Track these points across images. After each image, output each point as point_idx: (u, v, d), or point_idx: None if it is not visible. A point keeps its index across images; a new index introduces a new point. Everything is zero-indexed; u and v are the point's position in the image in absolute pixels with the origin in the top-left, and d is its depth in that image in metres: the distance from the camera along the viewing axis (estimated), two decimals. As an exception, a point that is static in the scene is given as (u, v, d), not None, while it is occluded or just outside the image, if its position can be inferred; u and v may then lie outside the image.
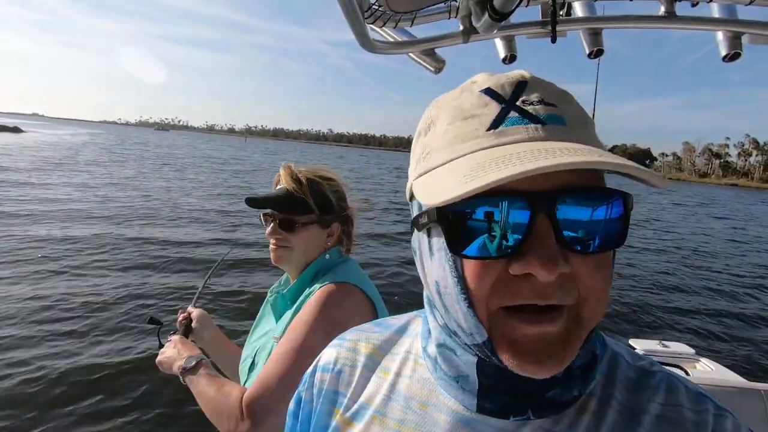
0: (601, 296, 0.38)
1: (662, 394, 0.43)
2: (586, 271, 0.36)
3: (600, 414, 0.42)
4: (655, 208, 27.31)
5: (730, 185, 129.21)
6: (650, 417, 0.41)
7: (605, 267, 0.38)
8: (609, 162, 0.32)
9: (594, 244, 0.36)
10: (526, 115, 0.39)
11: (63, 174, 16.80)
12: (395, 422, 0.48)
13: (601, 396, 0.43)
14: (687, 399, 0.43)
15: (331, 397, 0.54)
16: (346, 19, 1.07)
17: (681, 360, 3.25)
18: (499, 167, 0.33)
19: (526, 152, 0.34)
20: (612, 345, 0.48)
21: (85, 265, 6.45)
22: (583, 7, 1.36)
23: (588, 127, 0.41)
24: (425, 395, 0.48)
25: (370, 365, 0.54)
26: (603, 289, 0.38)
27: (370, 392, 0.52)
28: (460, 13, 1.26)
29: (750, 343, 6.34)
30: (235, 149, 67.02)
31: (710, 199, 50.10)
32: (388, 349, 0.55)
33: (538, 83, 0.41)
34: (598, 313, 0.38)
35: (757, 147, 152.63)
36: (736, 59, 1.29)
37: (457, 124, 0.41)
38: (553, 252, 0.35)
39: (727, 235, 18.59)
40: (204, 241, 8.67)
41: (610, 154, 0.35)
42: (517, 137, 0.38)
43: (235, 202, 13.54)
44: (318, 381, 0.57)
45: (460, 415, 0.44)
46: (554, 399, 0.41)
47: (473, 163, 0.36)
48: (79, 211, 10.13)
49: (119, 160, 26.79)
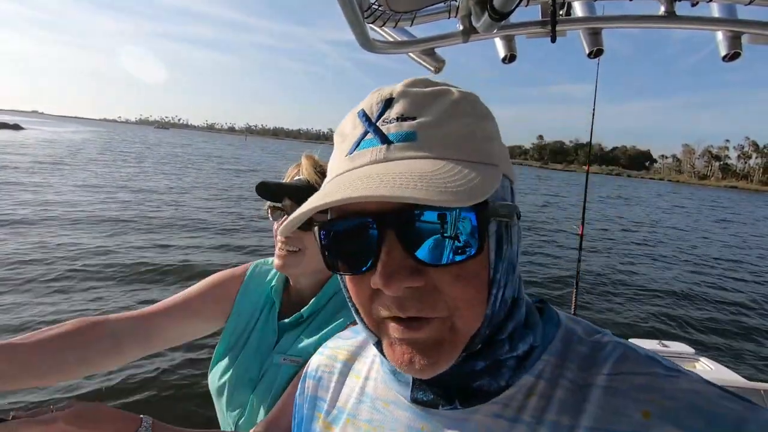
0: (472, 306, 0.40)
1: (610, 364, 0.42)
2: (446, 282, 0.39)
3: (547, 395, 0.42)
4: (655, 210, 27.32)
5: (729, 187, 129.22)
6: (597, 389, 0.40)
7: (468, 278, 0.39)
8: (396, 196, 0.34)
9: (445, 256, 0.38)
10: (380, 135, 0.41)
11: (66, 172, 16.79)
12: (364, 423, 0.51)
13: (551, 377, 0.43)
14: (635, 365, 0.41)
15: (314, 402, 0.58)
16: (345, 18, 1.07)
17: (681, 360, 3.26)
18: (324, 197, 0.37)
19: (353, 180, 0.38)
20: (566, 322, 0.48)
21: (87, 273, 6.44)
22: (582, 6, 1.36)
23: (452, 125, 0.41)
24: (387, 394, 0.51)
25: (344, 371, 0.58)
26: (471, 299, 0.39)
27: (345, 396, 0.55)
28: (460, 12, 1.26)
29: (750, 342, 6.35)
30: (236, 148, 67.01)
31: (711, 200, 50.10)
32: (360, 353, 0.58)
33: (404, 96, 0.42)
34: (472, 321, 0.40)
35: (756, 149, 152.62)
36: (736, 59, 1.29)
37: (337, 146, 0.45)
38: (394, 267, 0.38)
39: (727, 237, 18.59)
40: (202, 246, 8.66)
41: (412, 184, 0.35)
42: (363, 161, 0.41)
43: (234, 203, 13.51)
44: (306, 387, 0.61)
45: (417, 411, 0.47)
46: (482, 388, 0.43)
47: (322, 191, 0.40)
48: (82, 211, 10.13)
49: (120, 158, 26.77)
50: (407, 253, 0.38)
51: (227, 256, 7.71)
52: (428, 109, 0.41)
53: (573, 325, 0.48)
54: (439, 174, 0.36)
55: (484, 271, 0.40)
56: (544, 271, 9.01)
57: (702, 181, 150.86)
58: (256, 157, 46.20)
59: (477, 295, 0.40)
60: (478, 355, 0.43)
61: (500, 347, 0.43)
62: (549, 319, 0.48)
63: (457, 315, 0.39)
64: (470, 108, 0.43)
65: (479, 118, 0.43)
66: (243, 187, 17.99)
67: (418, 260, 0.38)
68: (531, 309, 0.48)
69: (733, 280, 10.34)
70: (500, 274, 0.41)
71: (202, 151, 47.59)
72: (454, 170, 0.37)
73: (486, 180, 0.37)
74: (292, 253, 0.98)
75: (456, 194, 0.34)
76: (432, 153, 0.39)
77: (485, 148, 0.42)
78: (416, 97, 0.42)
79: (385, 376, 0.51)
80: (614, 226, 17.84)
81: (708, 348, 5.78)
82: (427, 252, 0.38)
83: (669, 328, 6.60)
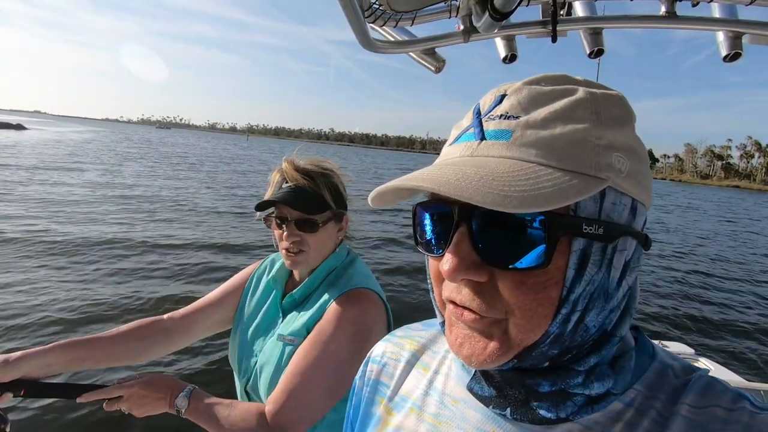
0: (529, 316, 0.38)
1: (694, 396, 0.40)
2: (506, 286, 0.38)
3: (633, 423, 0.40)
4: (657, 210, 27.26)
5: (732, 187, 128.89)
6: (679, 419, 0.39)
7: (530, 287, 0.37)
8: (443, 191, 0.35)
9: (509, 261, 0.37)
10: (478, 130, 0.41)
11: (73, 171, 16.83)
12: (430, 416, 0.50)
13: (640, 407, 0.41)
14: (720, 398, 0.40)
15: (377, 386, 0.59)
16: (346, 18, 1.08)
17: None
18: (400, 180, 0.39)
19: (433, 169, 0.39)
20: (663, 357, 0.45)
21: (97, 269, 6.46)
22: (583, 6, 1.36)
23: (557, 129, 0.38)
24: (458, 392, 0.50)
25: (412, 361, 0.58)
26: (528, 309, 0.38)
27: (411, 386, 0.55)
28: (461, 12, 1.27)
29: (750, 342, 6.33)
30: (239, 148, 67.08)
31: (711, 200, 49.98)
32: (430, 347, 0.58)
33: (518, 93, 0.41)
34: (527, 332, 0.38)
35: (759, 149, 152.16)
36: (737, 59, 1.29)
37: (451, 135, 0.46)
38: (459, 257, 0.38)
39: (727, 236, 18.55)
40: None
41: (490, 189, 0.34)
42: (455, 153, 0.42)
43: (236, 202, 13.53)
44: (369, 371, 0.61)
45: (489, 414, 0.45)
46: (539, 413, 0.41)
47: (413, 174, 0.41)
48: (90, 210, 10.16)
49: (124, 159, 26.82)
50: (474, 248, 0.38)
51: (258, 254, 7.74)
52: (538, 108, 0.39)
53: (670, 360, 0.45)
54: (511, 176, 0.35)
55: (555, 286, 0.37)
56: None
57: (704, 180, 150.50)
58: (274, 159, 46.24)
59: (538, 308, 0.38)
60: (545, 374, 0.41)
61: (572, 377, 0.40)
62: (642, 350, 0.46)
63: (512, 321, 0.38)
64: (592, 112, 0.39)
65: (601, 126, 0.39)
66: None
67: (485, 258, 0.38)
68: (627, 353, 0.43)
69: (733, 280, 10.31)
70: (576, 297, 0.38)
71: (207, 151, 47.55)
72: (533, 174, 0.35)
73: (564, 189, 0.34)
74: (299, 253, 1.15)
75: (513, 199, 0.33)
76: (520, 154, 0.38)
77: (594, 158, 0.37)
78: (530, 95, 0.40)
79: (458, 371, 0.51)
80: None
81: (708, 348, 5.77)
82: (492, 252, 0.38)
83: (669, 328, 6.59)
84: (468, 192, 0.34)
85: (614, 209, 0.39)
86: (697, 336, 6.43)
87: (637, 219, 0.41)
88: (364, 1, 1.16)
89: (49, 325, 4.50)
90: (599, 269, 0.38)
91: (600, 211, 0.38)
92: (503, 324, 0.39)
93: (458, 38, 1.35)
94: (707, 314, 7.47)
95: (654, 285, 8.97)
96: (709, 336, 6.49)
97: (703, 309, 7.75)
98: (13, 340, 4.15)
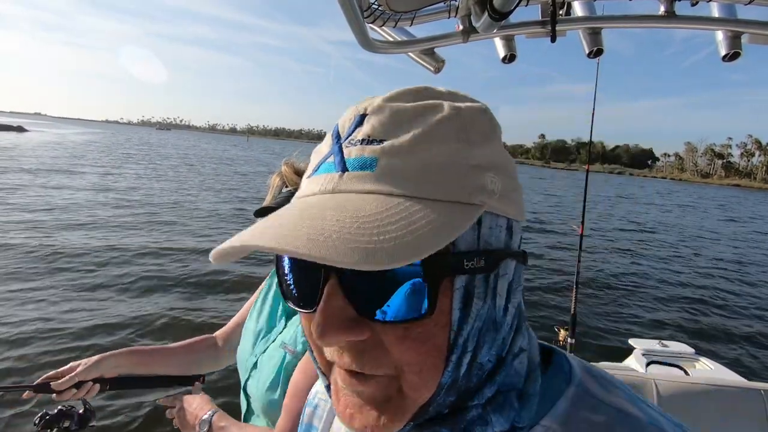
0: (418, 371, 0.34)
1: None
2: (390, 341, 0.33)
3: None
4: (657, 210, 27.25)
5: (732, 186, 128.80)
6: None
7: (414, 339, 0.33)
8: (299, 252, 0.28)
9: (388, 313, 0.33)
10: (341, 158, 0.35)
11: (76, 174, 16.84)
12: None
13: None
14: None
15: (308, 430, 0.57)
16: (345, 18, 1.08)
17: (680, 359, 3.25)
18: (251, 236, 0.31)
19: (285, 216, 0.33)
20: (581, 376, 0.40)
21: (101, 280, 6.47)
22: (582, 6, 1.36)
23: (425, 153, 0.34)
24: None
25: None
26: (416, 363, 0.33)
27: (336, 427, 0.53)
28: (460, 12, 1.27)
29: (750, 342, 6.33)
30: (239, 149, 67.09)
31: (712, 199, 49.96)
32: None
33: (379, 113, 0.36)
34: (420, 389, 0.34)
35: (759, 147, 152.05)
36: (736, 59, 1.29)
37: (311, 163, 0.40)
38: (333, 315, 0.33)
39: (728, 236, 18.54)
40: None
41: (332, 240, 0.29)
42: (313, 189, 0.36)
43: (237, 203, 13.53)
44: (306, 414, 0.60)
45: None
46: None
47: (261, 222, 0.34)
48: (95, 215, 10.17)
49: (126, 161, 26.82)
50: (348, 302, 0.33)
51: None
52: (403, 130, 0.34)
53: (588, 380, 0.39)
54: (379, 219, 0.30)
55: (440, 333, 0.34)
56: (544, 272, 9.00)
57: (705, 179, 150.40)
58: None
59: (426, 360, 0.34)
60: (442, 422, 0.37)
61: (469, 414, 0.36)
62: (557, 372, 0.40)
63: (403, 378, 0.34)
64: (459, 130, 0.35)
65: (470, 144, 0.35)
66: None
67: (362, 312, 0.33)
68: (531, 373, 0.39)
69: (733, 280, 10.31)
70: (465, 338, 0.34)
71: (206, 152, 47.57)
72: (404, 212, 0.31)
73: (440, 228, 0.31)
74: None
75: (383, 252, 0.28)
76: (388, 187, 0.33)
77: (466, 182, 0.34)
78: (393, 115, 0.35)
79: None
80: (614, 226, 17.80)
81: (708, 348, 5.76)
82: (370, 305, 0.33)
83: (669, 328, 6.58)
84: (325, 251, 0.28)
85: (491, 233, 0.36)
86: (697, 336, 6.42)
87: (513, 238, 0.38)
88: (363, 2, 1.16)
89: (52, 332, 4.50)
90: (484, 301, 0.35)
91: (479, 240, 0.35)
92: (395, 383, 0.34)
93: (457, 38, 1.35)
94: (707, 314, 7.47)
95: (654, 284, 8.97)
96: (709, 336, 6.49)
97: (703, 308, 7.74)
98: (25, 346, 4.16)
